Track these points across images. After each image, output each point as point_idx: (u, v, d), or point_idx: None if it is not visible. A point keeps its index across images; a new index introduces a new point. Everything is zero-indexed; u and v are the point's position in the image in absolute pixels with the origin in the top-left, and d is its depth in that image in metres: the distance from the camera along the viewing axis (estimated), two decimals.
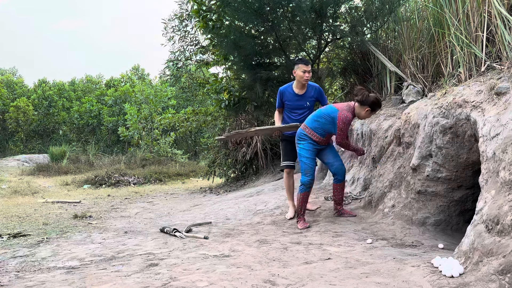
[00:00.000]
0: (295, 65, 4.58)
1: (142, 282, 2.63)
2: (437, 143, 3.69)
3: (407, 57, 5.52)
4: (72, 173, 13.05)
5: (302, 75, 4.49)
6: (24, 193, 8.53)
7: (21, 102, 22.10)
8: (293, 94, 4.61)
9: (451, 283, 2.40)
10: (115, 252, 3.57)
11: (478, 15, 4.00)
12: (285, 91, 4.64)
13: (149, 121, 17.62)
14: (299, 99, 4.61)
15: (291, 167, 4.75)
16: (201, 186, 9.72)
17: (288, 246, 3.56)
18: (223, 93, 8.67)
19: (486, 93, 3.15)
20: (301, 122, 4.57)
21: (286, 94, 4.64)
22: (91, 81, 27.01)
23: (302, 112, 4.62)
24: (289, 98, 4.63)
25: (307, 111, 4.62)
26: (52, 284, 2.69)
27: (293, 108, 4.64)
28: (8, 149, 21.58)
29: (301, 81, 4.54)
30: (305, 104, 4.62)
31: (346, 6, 6.94)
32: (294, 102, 4.62)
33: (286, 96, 4.64)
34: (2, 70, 28.65)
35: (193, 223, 4.77)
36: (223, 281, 2.60)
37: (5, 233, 4.45)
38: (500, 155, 2.64)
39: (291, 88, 4.64)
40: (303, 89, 4.61)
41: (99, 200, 7.74)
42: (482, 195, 2.77)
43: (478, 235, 2.55)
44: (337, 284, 2.51)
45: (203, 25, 7.91)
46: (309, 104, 4.64)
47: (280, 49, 7.13)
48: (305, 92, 4.61)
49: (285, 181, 4.78)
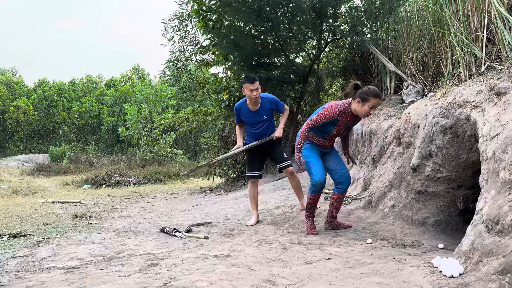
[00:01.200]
0: (243, 84, 4.52)
1: (142, 282, 2.63)
2: (437, 143, 3.69)
3: (407, 57, 5.52)
4: (72, 173, 13.04)
5: (250, 94, 4.45)
6: (24, 193, 8.53)
7: (21, 102, 22.11)
8: (248, 111, 4.61)
9: (451, 283, 2.40)
10: (115, 252, 3.57)
11: (478, 15, 4.00)
12: (240, 108, 4.64)
13: (149, 121, 17.62)
14: (254, 115, 4.60)
15: (255, 177, 4.73)
16: (201, 186, 9.72)
17: (288, 246, 3.56)
18: (223, 93, 8.67)
19: (486, 93, 3.15)
20: (263, 134, 4.62)
21: (242, 111, 4.64)
22: (91, 81, 27.03)
23: (261, 125, 4.63)
24: (245, 115, 4.64)
25: (266, 123, 4.64)
26: (52, 284, 2.69)
27: (251, 123, 4.66)
28: (8, 149, 21.59)
29: (250, 99, 4.52)
30: (261, 118, 4.61)
31: (346, 6, 6.94)
32: (250, 118, 4.63)
33: (242, 112, 4.65)
34: (2, 70, 28.66)
35: (193, 223, 4.77)
36: (223, 281, 2.60)
37: (5, 233, 4.45)
38: (500, 155, 2.64)
39: (246, 105, 4.61)
40: (257, 105, 4.58)
41: (99, 200, 7.74)
42: (482, 195, 2.77)
43: (478, 235, 2.55)
44: (337, 284, 2.51)
45: (203, 25, 7.92)
46: (266, 117, 4.63)
47: (280, 49, 7.14)
48: (259, 107, 4.59)
49: (250, 190, 4.75)
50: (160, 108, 19.10)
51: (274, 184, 6.90)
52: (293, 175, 4.69)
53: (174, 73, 10.96)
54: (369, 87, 3.75)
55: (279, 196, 5.63)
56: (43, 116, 23.18)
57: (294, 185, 4.72)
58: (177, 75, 11.07)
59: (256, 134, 4.66)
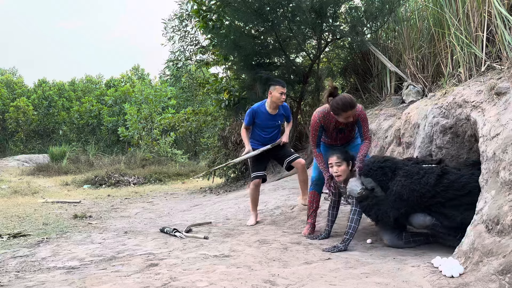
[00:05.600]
0: (271, 86, 4.53)
1: (142, 282, 2.63)
2: (437, 143, 3.69)
3: (407, 57, 5.52)
4: (72, 173, 13.05)
5: (279, 97, 4.47)
6: (24, 193, 8.53)
7: (21, 102, 22.11)
8: (266, 114, 4.60)
9: (451, 283, 2.40)
10: (115, 252, 3.56)
11: (478, 15, 4.00)
12: (258, 110, 4.62)
13: (149, 121, 17.62)
14: (271, 119, 4.62)
15: (259, 177, 4.67)
16: (201, 186, 9.72)
17: (288, 246, 3.56)
18: (223, 93, 8.67)
19: (486, 93, 3.15)
20: (272, 139, 4.62)
21: (259, 113, 4.62)
22: (91, 81, 27.02)
23: (273, 130, 4.66)
24: (262, 118, 4.62)
25: (277, 129, 4.67)
26: (52, 284, 2.69)
27: (264, 127, 4.65)
28: (8, 149, 21.58)
29: (277, 102, 4.52)
30: (277, 123, 4.65)
31: (346, 6, 6.94)
32: (266, 122, 4.62)
33: (258, 115, 4.62)
34: (2, 70, 28.63)
35: (193, 223, 4.77)
36: (223, 281, 2.60)
37: (5, 233, 4.44)
38: (500, 155, 2.64)
39: (264, 108, 4.61)
40: (276, 110, 4.61)
41: (99, 200, 7.74)
42: (482, 195, 2.77)
43: (478, 235, 2.55)
44: (337, 284, 2.51)
45: (203, 25, 7.91)
46: (280, 122, 4.69)
47: (280, 49, 7.14)
48: (277, 112, 4.63)
49: (252, 191, 4.70)
50: (160, 108, 19.10)
51: (274, 184, 6.89)
52: (304, 169, 4.66)
53: (174, 73, 10.96)
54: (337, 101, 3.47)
55: (279, 196, 5.64)
56: (43, 116, 23.18)
57: (303, 179, 4.68)
58: (177, 75, 11.07)
59: (266, 138, 4.66)
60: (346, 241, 3.38)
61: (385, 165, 3.26)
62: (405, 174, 3.17)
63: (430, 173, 3.11)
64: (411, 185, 3.09)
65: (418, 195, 3.08)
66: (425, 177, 3.09)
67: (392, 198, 3.15)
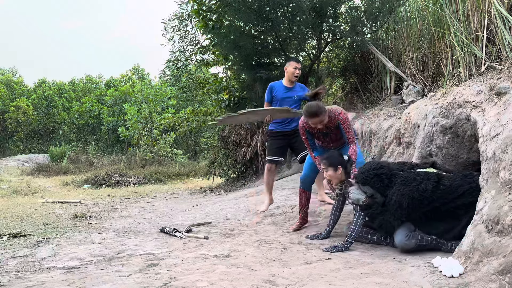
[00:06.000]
0: (286, 62, 4.75)
1: (142, 282, 2.63)
2: (437, 143, 3.69)
3: (407, 57, 5.52)
4: (72, 173, 13.04)
5: (293, 71, 4.63)
6: (24, 193, 8.53)
7: (21, 102, 22.10)
8: (283, 87, 4.73)
9: (451, 283, 2.40)
10: (115, 252, 3.56)
11: (478, 15, 4.00)
12: (275, 85, 4.77)
13: (149, 121, 17.62)
14: (288, 91, 4.70)
15: (273, 162, 4.74)
16: (201, 186, 9.72)
17: (288, 246, 3.56)
18: (223, 93, 8.67)
19: (486, 93, 3.15)
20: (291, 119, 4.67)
21: (276, 87, 4.74)
22: (91, 81, 27.01)
23: (290, 104, 4.67)
24: (279, 90, 4.73)
25: (294, 104, 4.68)
26: (52, 284, 2.69)
27: (282, 99, 4.70)
28: (8, 149, 21.57)
29: (291, 77, 4.66)
30: (294, 96, 4.70)
31: (346, 6, 6.94)
32: (283, 94, 4.70)
33: (276, 89, 4.73)
34: (2, 70, 28.61)
35: (193, 223, 4.77)
36: (223, 281, 2.60)
37: (5, 233, 4.44)
38: (500, 155, 2.64)
39: (281, 83, 4.77)
40: (293, 84, 4.74)
41: (99, 200, 7.74)
42: (482, 195, 2.77)
43: (478, 235, 2.55)
44: (337, 284, 2.51)
45: (203, 25, 7.91)
46: (297, 97, 4.72)
47: (280, 49, 7.13)
48: (294, 86, 4.74)
49: (266, 177, 4.78)
50: (160, 108, 19.09)
51: (274, 184, 6.87)
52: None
53: (174, 73, 10.95)
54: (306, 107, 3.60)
55: (279, 196, 5.63)
56: (43, 116, 23.17)
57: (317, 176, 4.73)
58: (177, 75, 11.06)
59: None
60: (347, 243, 3.39)
61: (381, 172, 3.31)
62: (403, 182, 3.22)
63: (427, 180, 3.18)
64: (410, 193, 3.14)
65: (418, 202, 3.14)
66: (423, 183, 3.16)
67: (393, 208, 3.19)
